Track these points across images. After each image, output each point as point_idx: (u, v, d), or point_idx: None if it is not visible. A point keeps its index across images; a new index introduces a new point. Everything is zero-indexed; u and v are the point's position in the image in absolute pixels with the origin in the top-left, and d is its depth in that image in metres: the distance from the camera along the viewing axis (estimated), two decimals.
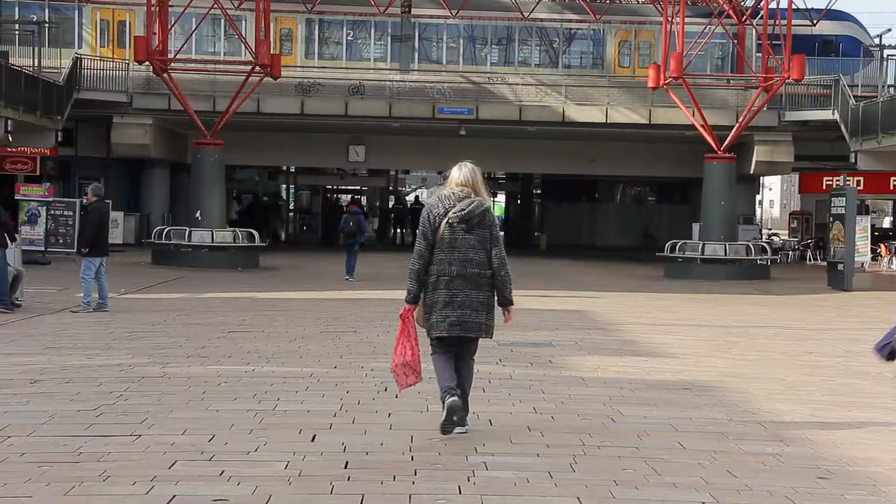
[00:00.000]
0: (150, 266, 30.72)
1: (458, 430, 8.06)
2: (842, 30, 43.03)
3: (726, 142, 34.06)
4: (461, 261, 8.00)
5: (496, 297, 8.16)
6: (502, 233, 6.33)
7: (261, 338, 14.50)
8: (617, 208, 54.99)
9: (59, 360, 11.98)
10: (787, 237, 48.56)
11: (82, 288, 17.71)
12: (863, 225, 32.60)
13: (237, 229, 33.79)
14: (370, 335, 14.98)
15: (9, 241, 17.49)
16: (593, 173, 48.33)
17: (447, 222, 8.02)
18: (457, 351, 8.15)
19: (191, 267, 30.07)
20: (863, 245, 32.21)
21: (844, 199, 28.75)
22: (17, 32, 38.46)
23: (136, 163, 41.39)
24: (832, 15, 42.75)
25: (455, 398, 7.92)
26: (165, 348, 13.21)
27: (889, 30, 41.08)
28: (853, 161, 35.05)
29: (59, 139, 35.37)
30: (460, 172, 8.19)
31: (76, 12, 40.22)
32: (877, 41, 43.06)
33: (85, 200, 18.98)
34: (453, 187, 8.16)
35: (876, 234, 41.88)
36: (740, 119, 35.15)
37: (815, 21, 41.78)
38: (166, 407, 9.17)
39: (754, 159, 39.15)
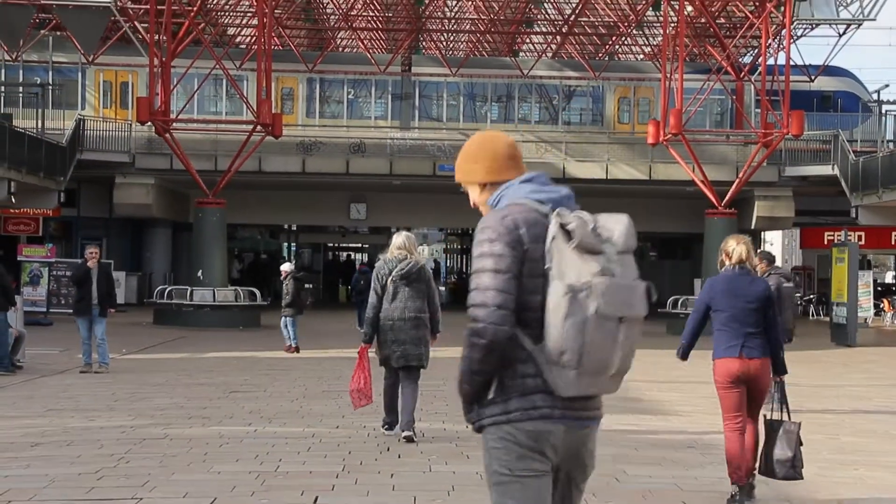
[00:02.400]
0: (151, 326, 30.68)
1: (403, 433, 10.41)
2: (840, 85, 43.30)
3: (727, 197, 34.13)
4: (402, 308, 10.29)
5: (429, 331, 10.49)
6: None
7: (262, 398, 14.44)
8: None
9: (61, 423, 11.92)
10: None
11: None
12: (865, 280, 32.59)
13: (239, 288, 33.79)
14: (372, 394, 14.88)
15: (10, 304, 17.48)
16: None
17: (391, 279, 10.30)
18: (404, 375, 10.45)
19: (192, 326, 30.02)
20: (866, 300, 32.18)
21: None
22: (21, 95, 38.73)
23: (139, 222, 41.49)
24: (830, 71, 43.03)
25: (390, 430, 10.72)
26: (167, 409, 13.15)
27: (887, 85, 41.48)
28: (854, 216, 35.11)
29: (62, 200, 35.48)
30: (398, 240, 10.49)
31: (79, 74, 40.54)
32: (875, 97, 43.30)
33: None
34: (394, 252, 10.42)
35: (879, 288, 41.85)
36: (740, 174, 35.25)
37: (813, 77, 42.05)
38: (168, 469, 9.11)
39: (755, 214, 39.22)
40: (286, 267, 23.54)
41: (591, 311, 3.61)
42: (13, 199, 30.53)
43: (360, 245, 61.00)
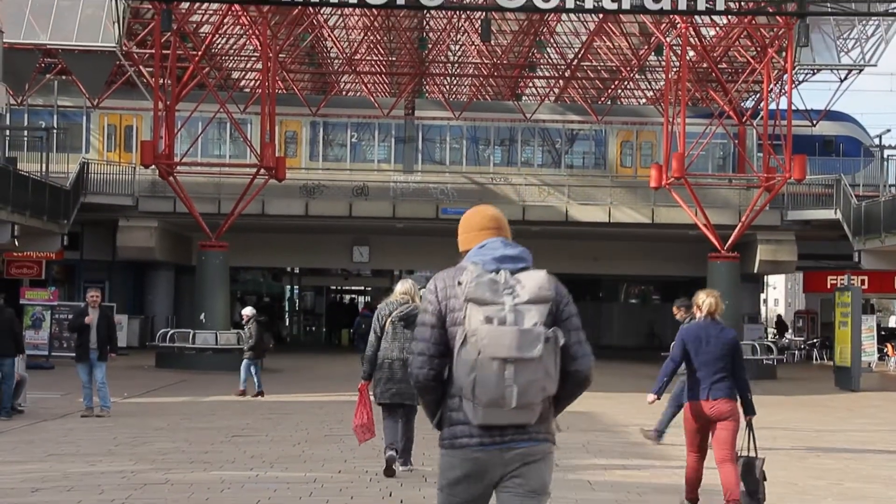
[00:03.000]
0: (153, 369, 30.61)
1: (401, 468, 11.01)
2: (842, 130, 43.44)
3: (729, 241, 34.14)
4: (400, 348, 10.81)
5: None
6: None
7: (264, 442, 14.39)
8: (621, 307, 54.93)
9: (61, 468, 11.87)
10: (791, 336, 48.39)
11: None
12: (868, 324, 32.53)
13: (241, 331, 33.71)
14: (374, 438, 14.84)
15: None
16: (597, 272, 48.36)
17: (390, 321, 10.95)
18: (400, 413, 11.06)
19: (195, 369, 29.95)
20: (869, 345, 32.10)
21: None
22: (26, 139, 38.90)
23: (141, 265, 41.52)
24: (832, 116, 43.18)
25: (392, 452, 11.00)
26: (168, 453, 13.10)
27: (888, 130, 41.59)
28: (857, 260, 35.10)
29: (65, 243, 35.53)
30: (403, 286, 11.27)
31: (84, 118, 40.73)
32: (876, 141, 43.42)
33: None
34: (397, 296, 11.16)
35: (882, 333, 41.76)
36: (743, 218, 35.28)
37: (814, 122, 42.19)
38: None
39: (758, 258, 39.19)
40: (248, 311, 23.31)
41: (475, 354, 4.30)
42: (16, 243, 30.56)
43: (362, 288, 60.96)
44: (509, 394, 4.30)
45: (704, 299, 9.46)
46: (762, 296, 55.65)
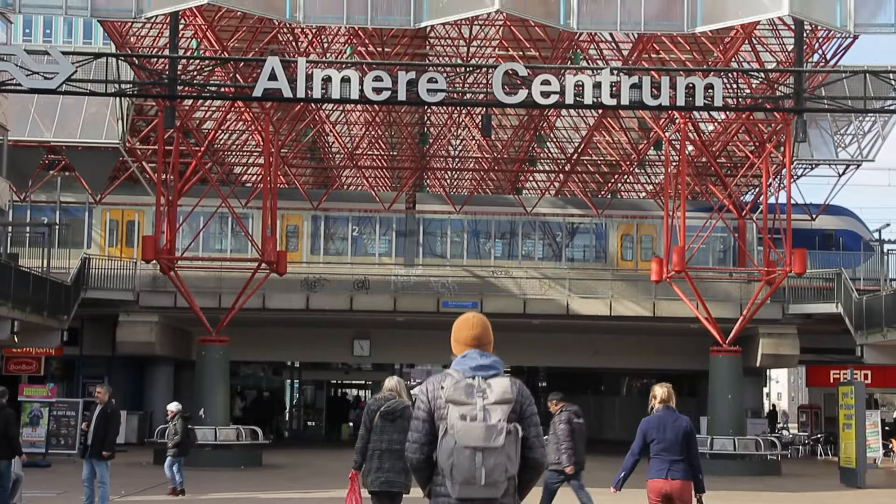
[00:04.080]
0: (152, 466, 30.30)
1: None
2: (842, 224, 43.61)
3: (731, 335, 34.04)
4: (388, 440, 11.39)
5: None
6: None
7: None
8: (623, 401, 54.56)
9: None
10: (796, 430, 47.99)
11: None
12: (873, 420, 32.28)
13: (240, 426, 33.51)
14: None
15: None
16: (598, 366, 48.17)
17: (379, 415, 11.57)
18: (388, 501, 11.46)
19: (194, 466, 29.53)
20: (874, 440, 31.81)
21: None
22: (28, 235, 39.02)
23: (141, 360, 41.36)
24: (832, 210, 43.38)
25: None
26: None
27: (888, 224, 41.77)
28: (859, 354, 34.96)
29: (65, 338, 35.44)
30: (389, 383, 11.91)
31: (86, 213, 40.91)
32: (876, 235, 43.56)
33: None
34: (385, 392, 11.80)
35: (887, 428, 41.40)
36: (744, 312, 35.21)
37: (814, 216, 42.35)
38: None
39: (760, 352, 39.05)
40: (173, 407, 22.89)
41: (453, 443, 5.51)
42: (16, 339, 30.50)
43: (363, 382, 60.63)
44: (479, 474, 5.48)
45: (658, 391, 11.10)
46: (765, 390, 55.35)
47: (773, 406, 61.76)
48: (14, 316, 29.93)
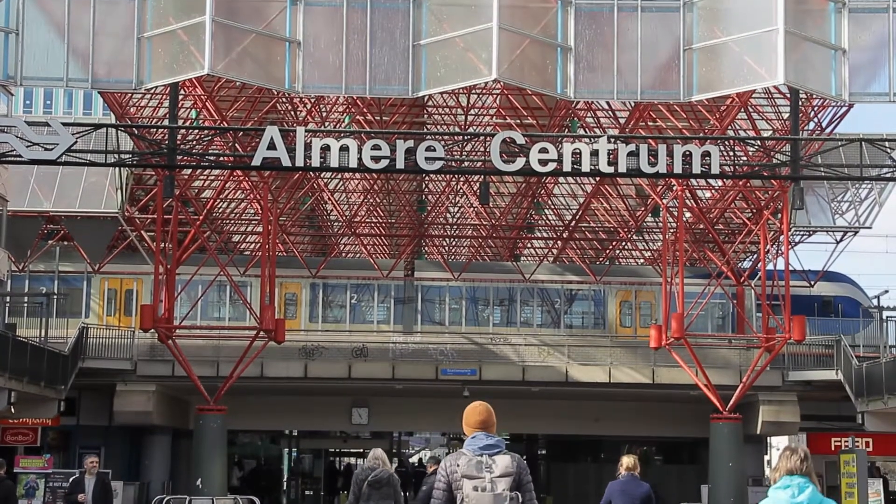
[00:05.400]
0: None
1: None
2: (841, 291, 43.59)
3: (731, 402, 33.88)
4: None
5: None
6: None
7: None
8: None
9: None
10: None
11: None
12: (875, 488, 32.00)
13: (238, 496, 33.25)
14: None
15: None
16: (598, 433, 47.82)
17: (367, 483, 12.73)
18: None
19: None
20: None
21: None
22: (26, 304, 38.94)
23: (138, 430, 41.05)
24: (831, 277, 43.38)
25: None
26: None
27: (886, 291, 41.82)
28: (860, 422, 34.76)
29: (62, 409, 35.20)
30: (375, 453, 13.28)
31: (84, 283, 40.86)
32: (874, 301, 43.50)
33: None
34: (371, 461, 13.11)
35: (892, 497, 40.99)
36: (744, 379, 35.08)
37: (812, 283, 42.34)
38: None
39: (760, 419, 38.81)
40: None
41: None
42: (12, 410, 30.31)
43: (361, 450, 60.18)
44: None
45: (625, 460, 13.01)
46: (766, 457, 54.91)
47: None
48: (11, 387, 29.77)
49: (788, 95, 28.39)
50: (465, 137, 26.08)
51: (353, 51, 22.36)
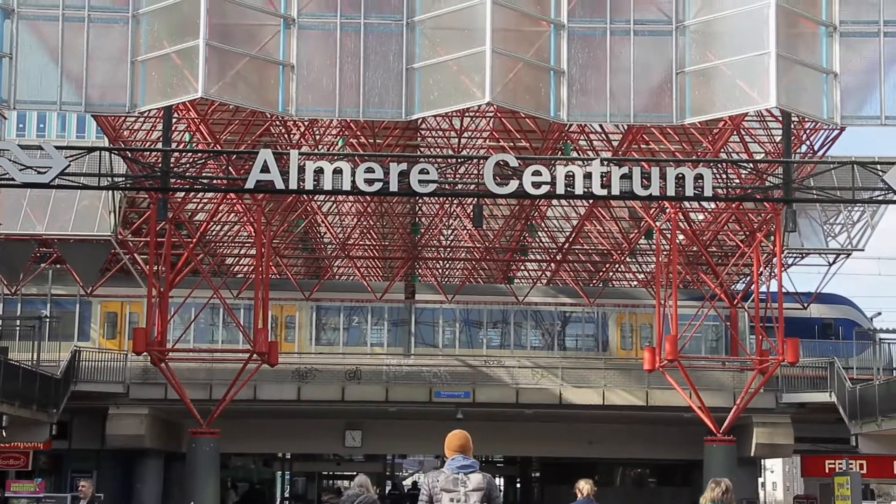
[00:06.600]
0: None
1: None
2: (841, 313, 43.63)
3: (725, 424, 33.84)
4: None
5: None
6: None
7: None
8: (617, 491, 53.91)
9: None
10: None
11: None
12: None
13: None
14: None
15: None
16: (592, 456, 47.71)
17: None
18: None
19: None
20: None
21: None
22: (18, 328, 38.86)
23: (130, 453, 40.87)
24: (831, 299, 43.45)
25: None
26: None
27: (879, 313, 41.94)
28: (855, 444, 34.73)
29: (54, 432, 35.06)
30: (359, 479, 13.37)
31: (77, 306, 40.76)
32: (874, 323, 43.57)
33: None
34: (355, 488, 13.18)
35: None
36: (737, 401, 35.05)
37: (805, 305, 42.36)
38: None
39: (754, 441, 38.78)
40: None
41: None
42: (4, 433, 30.19)
43: (354, 473, 59.89)
44: None
45: (582, 485, 13.78)
46: (760, 479, 54.84)
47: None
48: (3, 410, 29.69)
49: (781, 118, 28.46)
50: (459, 160, 26.08)
51: (346, 74, 22.41)
